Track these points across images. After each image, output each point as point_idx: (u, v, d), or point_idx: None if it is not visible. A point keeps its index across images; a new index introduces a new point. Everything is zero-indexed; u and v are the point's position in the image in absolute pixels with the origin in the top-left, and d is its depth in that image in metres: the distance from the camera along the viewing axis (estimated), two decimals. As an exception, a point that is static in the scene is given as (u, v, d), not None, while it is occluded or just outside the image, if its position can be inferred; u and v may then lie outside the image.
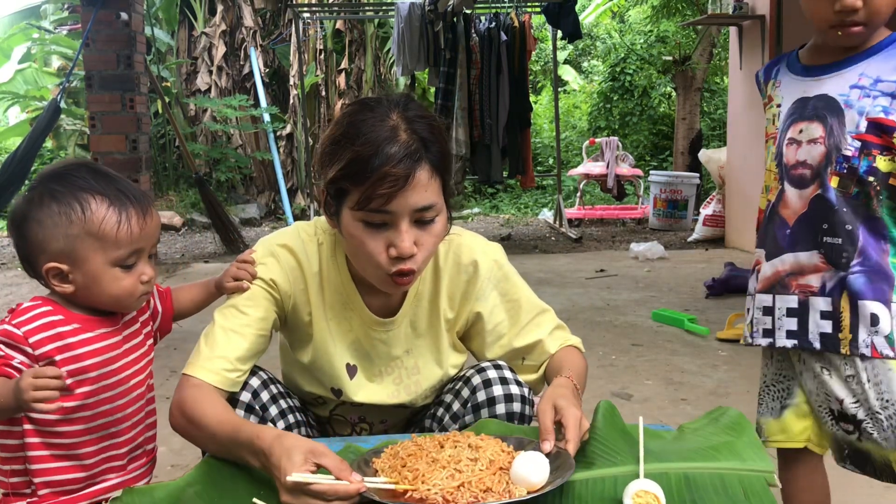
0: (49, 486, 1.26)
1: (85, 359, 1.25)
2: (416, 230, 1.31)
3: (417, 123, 1.31)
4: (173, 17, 9.02)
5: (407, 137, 1.28)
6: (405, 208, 1.28)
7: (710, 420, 1.37)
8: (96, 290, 1.25)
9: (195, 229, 7.84)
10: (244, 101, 8.62)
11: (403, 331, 1.50)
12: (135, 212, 1.25)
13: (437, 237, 1.35)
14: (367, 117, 1.31)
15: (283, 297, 1.46)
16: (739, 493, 1.15)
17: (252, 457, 1.20)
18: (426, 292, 1.51)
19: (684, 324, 3.89)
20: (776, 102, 1.56)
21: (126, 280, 1.26)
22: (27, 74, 8.79)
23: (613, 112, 10.84)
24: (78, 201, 1.23)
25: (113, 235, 1.23)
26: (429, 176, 1.29)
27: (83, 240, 1.23)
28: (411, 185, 1.27)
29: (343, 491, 1.10)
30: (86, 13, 5.52)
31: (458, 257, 1.51)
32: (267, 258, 1.46)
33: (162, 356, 3.57)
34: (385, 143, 1.27)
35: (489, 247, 1.55)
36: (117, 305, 1.29)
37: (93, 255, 1.23)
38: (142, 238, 1.26)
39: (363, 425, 1.60)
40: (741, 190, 6.14)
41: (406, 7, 6.46)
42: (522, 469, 1.13)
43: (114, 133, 5.61)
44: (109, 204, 1.23)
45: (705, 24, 7.59)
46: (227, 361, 1.37)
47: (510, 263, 1.57)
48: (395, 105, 1.33)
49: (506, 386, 1.45)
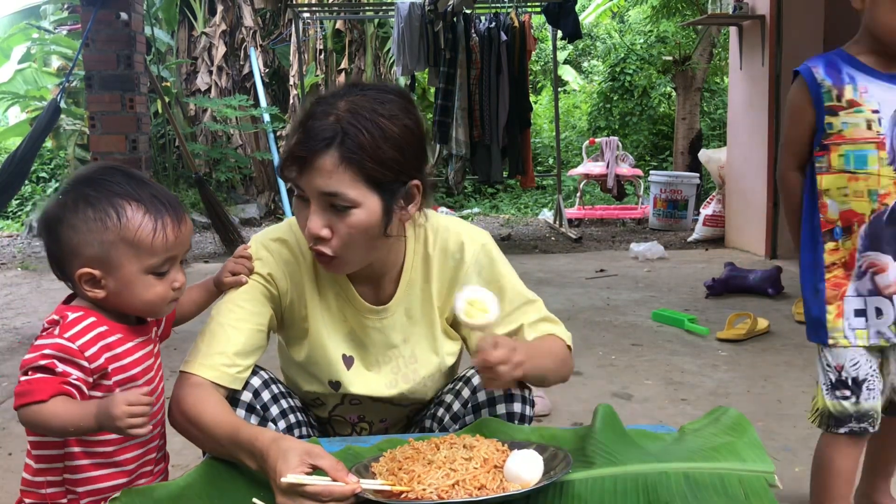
0: (92, 495, 1.25)
1: (132, 368, 1.25)
2: (330, 215, 1.33)
3: (356, 115, 1.31)
4: (173, 17, 9.02)
5: (330, 123, 1.30)
6: (311, 190, 1.32)
7: (710, 420, 1.37)
8: (128, 296, 1.24)
9: (195, 229, 7.82)
10: (244, 101, 8.62)
11: (399, 319, 1.51)
12: (170, 219, 1.24)
13: (352, 229, 1.33)
14: (327, 96, 1.36)
15: (280, 292, 1.46)
16: (739, 494, 1.15)
17: (249, 458, 1.20)
18: (417, 280, 1.51)
19: (684, 324, 3.89)
20: (869, 108, 1.61)
21: (159, 287, 1.25)
22: (27, 74, 8.78)
23: (613, 112, 10.84)
24: (114, 207, 1.21)
25: (149, 243, 1.22)
26: (336, 164, 1.29)
27: (118, 246, 1.21)
28: (312, 169, 1.30)
29: (338, 492, 1.10)
30: (86, 13, 5.51)
31: (445, 243, 1.51)
32: (262, 253, 1.47)
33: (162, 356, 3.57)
34: (308, 122, 1.32)
35: (477, 233, 1.55)
36: (148, 311, 1.28)
37: (127, 261, 1.22)
38: (176, 245, 1.25)
39: (363, 425, 1.59)
40: (741, 190, 6.14)
41: (406, 7, 6.46)
42: (516, 467, 1.13)
43: (113, 133, 5.61)
44: (146, 211, 1.22)
45: (705, 24, 7.59)
46: (226, 357, 1.38)
47: (500, 252, 1.56)
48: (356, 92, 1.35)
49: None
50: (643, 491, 1.16)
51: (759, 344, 3.61)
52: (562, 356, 1.51)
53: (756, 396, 2.95)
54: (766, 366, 3.31)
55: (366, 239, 1.35)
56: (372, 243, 1.37)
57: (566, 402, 2.92)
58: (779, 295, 4.48)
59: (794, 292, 4.52)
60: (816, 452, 1.82)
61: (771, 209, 5.68)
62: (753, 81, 5.88)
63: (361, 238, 1.35)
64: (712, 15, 6.15)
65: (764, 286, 4.51)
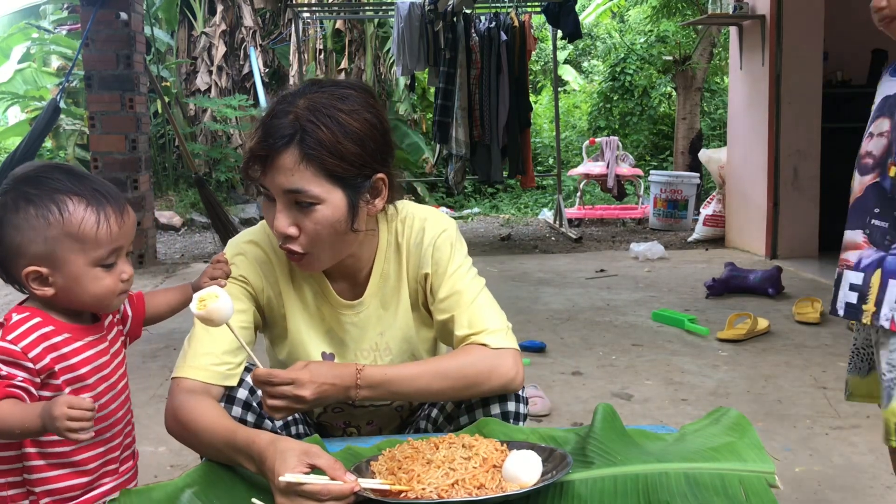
0: (50, 495, 1.26)
1: (81, 367, 1.25)
2: (296, 213, 1.34)
3: (315, 111, 1.31)
4: (173, 17, 9.02)
5: (289, 121, 1.31)
6: (275, 188, 1.33)
7: (711, 421, 1.37)
8: (78, 291, 1.24)
9: (195, 229, 7.84)
10: (244, 100, 8.62)
11: (374, 312, 1.51)
12: (112, 210, 1.24)
13: (318, 225, 1.33)
14: (287, 95, 1.36)
15: (256, 292, 1.47)
16: (740, 494, 1.15)
17: (248, 461, 1.20)
18: (391, 272, 1.52)
19: (684, 324, 3.88)
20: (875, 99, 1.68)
21: (107, 279, 1.25)
22: (26, 74, 8.79)
23: (613, 112, 10.84)
24: (55, 203, 1.21)
25: (93, 235, 1.22)
26: (296, 161, 1.30)
27: (62, 241, 1.21)
28: (274, 166, 1.31)
29: (337, 491, 1.10)
30: (85, 13, 5.52)
31: (411, 231, 1.51)
32: (236, 257, 1.47)
33: (161, 356, 3.58)
34: (268, 122, 1.32)
35: (441, 219, 1.54)
36: (99, 306, 1.28)
37: (73, 256, 1.22)
38: (121, 236, 1.25)
39: (351, 430, 1.60)
40: (741, 190, 6.14)
41: (406, 7, 6.46)
42: (514, 467, 1.14)
43: (113, 133, 5.61)
44: (87, 204, 1.22)
45: (705, 24, 7.59)
46: (213, 356, 1.38)
47: (461, 242, 1.54)
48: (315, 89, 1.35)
49: None
50: (643, 491, 1.16)
51: (759, 344, 3.61)
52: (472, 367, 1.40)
53: (756, 396, 2.95)
54: (766, 366, 3.30)
55: (333, 234, 1.36)
56: (340, 238, 1.38)
57: (566, 402, 2.92)
58: (779, 295, 4.48)
59: (794, 292, 4.52)
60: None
61: (771, 209, 5.68)
62: (753, 81, 5.88)
63: (328, 234, 1.35)
64: (712, 15, 6.15)
65: (764, 286, 4.51)
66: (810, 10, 5.53)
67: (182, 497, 1.16)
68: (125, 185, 5.60)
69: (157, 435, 2.35)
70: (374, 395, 1.36)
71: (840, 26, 5.71)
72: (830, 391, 2.97)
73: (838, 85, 5.86)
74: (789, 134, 5.58)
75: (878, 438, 2.53)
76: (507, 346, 1.43)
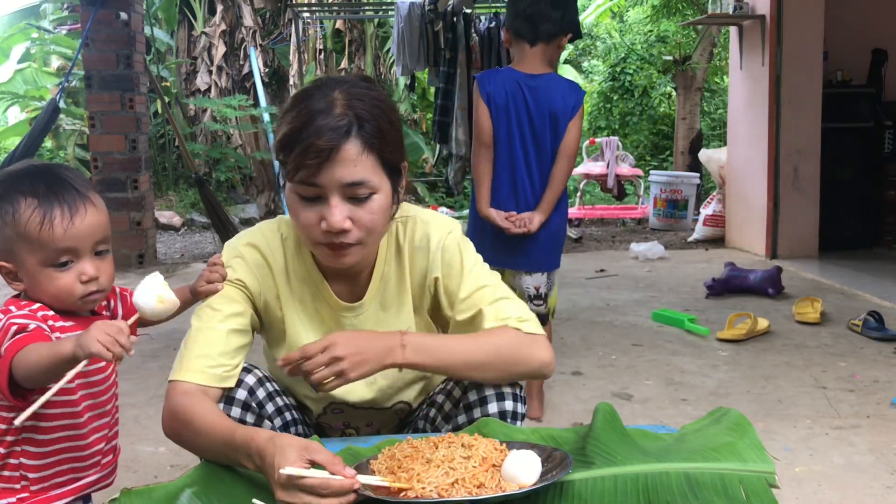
0: (42, 481, 1.29)
1: None
2: (350, 206, 1.32)
3: (357, 100, 1.32)
4: (173, 17, 9.01)
5: (340, 112, 1.30)
6: (332, 182, 1.30)
7: (711, 420, 1.37)
8: (38, 289, 1.27)
9: (195, 229, 7.84)
10: (244, 100, 8.61)
11: (373, 314, 1.50)
12: (59, 212, 1.24)
13: (375, 215, 1.34)
14: (312, 94, 1.34)
15: (253, 296, 1.46)
16: (740, 494, 1.15)
17: (247, 459, 1.20)
18: (392, 273, 1.51)
19: (684, 324, 3.88)
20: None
21: (62, 280, 1.26)
22: (26, 74, 8.79)
23: (613, 112, 10.84)
24: (11, 203, 1.25)
25: (36, 236, 1.24)
26: (359, 151, 1.30)
27: (16, 241, 1.25)
28: (336, 159, 1.28)
29: (337, 485, 1.10)
30: (85, 13, 5.51)
31: (413, 234, 1.51)
32: (233, 260, 1.46)
33: (162, 356, 3.58)
34: (317, 116, 1.29)
35: (444, 221, 1.53)
36: (62, 305, 1.29)
37: (27, 255, 1.25)
38: (67, 238, 1.25)
39: (350, 431, 1.60)
40: (741, 190, 6.13)
41: (406, 7, 6.46)
42: (513, 467, 1.14)
43: (113, 133, 5.61)
44: (36, 205, 1.24)
45: (705, 24, 7.59)
46: (210, 358, 1.37)
47: (467, 241, 1.54)
48: (343, 83, 1.35)
49: (497, 385, 1.45)
50: (643, 491, 1.16)
51: (759, 344, 3.61)
52: (508, 346, 1.41)
53: (756, 396, 2.94)
54: (766, 366, 3.30)
55: (383, 224, 1.38)
56: (385, 228, 1.40)
57: (566, 402, 2.92)
58: (779, 295, 4.48)
59: (794, 292, 4.52)
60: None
61: (771, 209, 5.68)
62: (753, 81, 5.88)
63: (382, 223, 1.37)
64: (712, 15, 6.14)
65: (764, 286, 4.51)
66: (810, 10, 5.53)
67: (182, 497, 1.16)
68: (125, 185, 5.60)
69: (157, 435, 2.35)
70: (419, 361, 1.35)
71: (840, 26, 5.71)
72: (830, 391, 2.97)
73: (838, 85, 5.86)
74: (789, 134, 5.58)
75: (878, 438, 2.53)
76: (539, 333, 1.44)
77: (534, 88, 2.69)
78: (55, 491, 1.31)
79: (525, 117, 2.70)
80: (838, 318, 3.97)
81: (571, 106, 2.67)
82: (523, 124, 2.71)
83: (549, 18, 2.69)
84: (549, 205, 2.69)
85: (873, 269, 5.15)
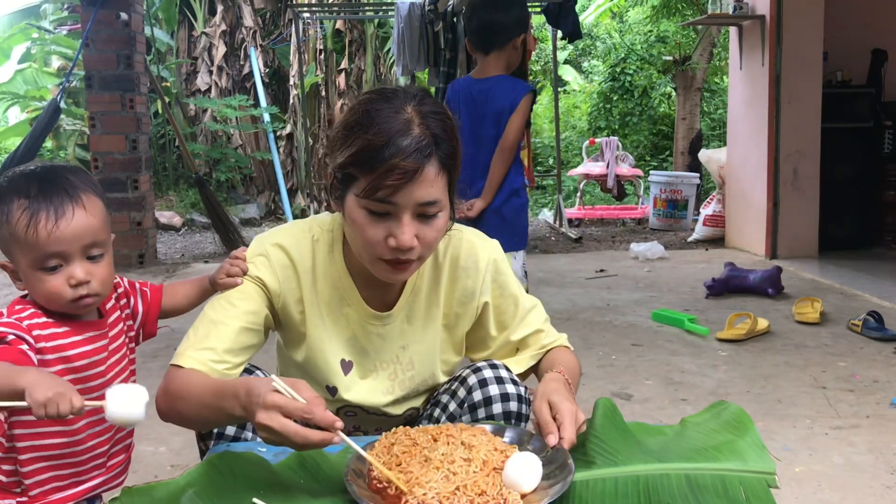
0: (40, 486, 1.28)
1: (76, 360, 1.27)
2: (417, 224, 1.32)
3: (431, 119, 1.31)
4: (173, 17, 9.01)
5: (419, 132, 1.29)
6: (409, 201, 1.29)
7: (711, 415, 1.37)
8: (31, 290, 1.28)
9: (195, 229, 7.84)
10: (244, 101, 8.61)
11: (399, 325, 1.50)
12: (45, 215, 1.23)
13: (439, 233, 1.36)
14: (382, 107, 1.31)
15: (272, 296, 1.46)
16: (740, 496, 1.15)
17: (234, 400, 1.19)
18: (424, 287, 1.51)
19: (684, 324, 3.88)
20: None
21: (50, 283, 1.25)
22: (27, 74, 8.78)
23: (613, 112, 10.84)
24: (6, 203, 1.25)
25: (23, 239, 1.23)
26: (436, 172, 1.30)
27: (10, 242, 1.25)
28: (418, 180, 1.28)
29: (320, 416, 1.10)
30: (86, 13, 5.52)
31: (457, 253, 1.51)
32: (257, 257, 1.46)
33: (162, 356, 3.58)
34: (398, 136, 1.27)
35: (488, 243, 1.56)
36: (55, 307, 1.28)
37: (19, 256, 1.26)
38: (52, 242, 1.23)
39: (358, 434, 1.59)
40: (741, 190, 6.14)
41: (406, 7, 6.46)
42: (514, 472, 1.13)
43: (114, 133, 5.61)
44: (26, 207, 1.23)
45: (705, 24, 7.59)
46: (215, 353, 1.37)
47: (506, 262, 1.59)
48: (411, 98, 1.33)
49: (502, 385, 1.45)
50: (644, 492, 1.16)
51: (759, 344, 3.61)
52: (577, 365, 1.57)
53: (756, 396, 2.95)
54: (766, 366, 3.31)
55: (438, 241, 1.39)
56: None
57: (566, 402, 2.92)
58: (779, 295, 4.48)
59: (794, 292, 4.52)
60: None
61: (771, 209, 5.68)
62: (753, 81, 5.88)
63: (439, 240, 1.39)
64: (712, 15, 6.15)
65: (764, 286, 4.51)
66: (810, 10, 5.53)
67: (183, 496, 1.16)
68: (125, 185, 5.61)
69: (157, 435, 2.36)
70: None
71: (840, 26, 5.72)
72: (830, 391, 2.97)
73: (838, 85, 5.87)
74: (789, 134, 5.59)
75: (878, 438, 2.53)
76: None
77: (480, 91, 3.05)
78: (57, 495, 1.30)
79: (478, 117, 3.04)
80: (838, 318, 3.97)
81: (509, 103, 2.98)
82: (477, 124, 3.05)
83: (497, 28, 3.02)
84: (487, 192, 3.02)
85: (873, 269, 5.16)
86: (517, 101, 2.99)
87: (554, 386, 1.35)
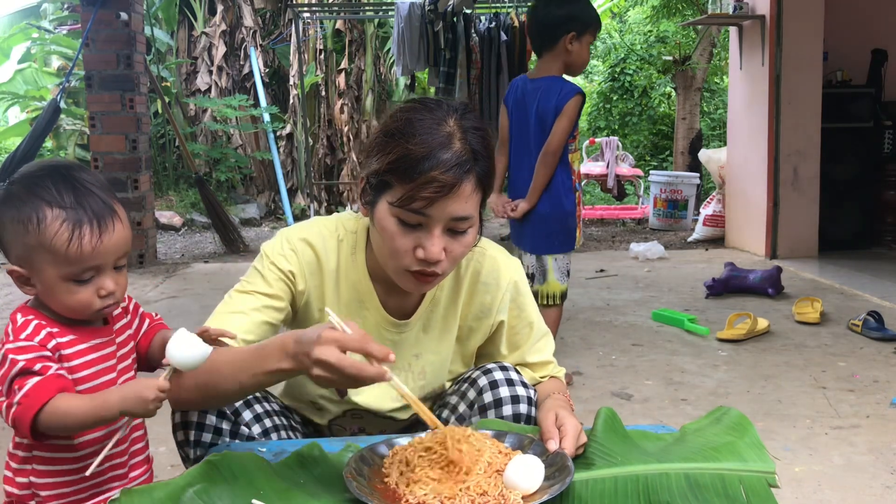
0: (56, 499, 1.26)
1: (81, 370, 1.25)
2: (446, 238, 1.32)
3: (472, 134, 1.31)
4: (173, 17, 9.01)
5: (460, 146, 1.28)
6: (443, 215, 1.29)
7: (711, 420, 1.37)
8: (52, 299, 1.24)
9: (195, 229, 7.84)
10: (244, 101, 8.61)
11: (415, 334, 1.51)
12: (89, 229, 1.20)
13: (467, 248, 1.36)
14: (425, 117, 1.31)
15: (296, 291, 1.45)
16: (740, 495, 1.15)
17: (281, 354, 1.18)
18: (443, 299, 1.51)
19: (684, 324, 3.88)
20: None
21: (81, 294, 1.23)
22: (27, 74, 8.78)
23: (613, 112, 10.84)
24: (35, 212, 1.19)
25: (63, 252, 1.19)
26: (472, 188, 1.30)
27: (38, 251, 1.20)
28: (454, 194, 1.27)
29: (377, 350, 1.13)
30: (86, 13, 5.52)
31: (479, 268, 1.52)
32: (286, 250, 1.45)
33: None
34: (439, 148, 1.27)
35: (511, 262, 1.56)
36: (75, 315, 1.26)
37: (47, 266, 1.21)
38: (95, 256, 1.21)
39: (361, 436, 1.59)
40: (741, 190, 6.14)
41: (406, 7, 6.46)
42: (515, 474, 1.13)
43: (113, 133, 5.61)
44: (64, 219, 1.19)
45: (705, 24, 7.59)
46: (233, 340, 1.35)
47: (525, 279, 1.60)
48: (454, 111, 1.33)
49: (512, 388, 1.45)
50: (643, 492, 1.16)
51: (759, 344, 3.61)
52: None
53: (756, 396, 2.95)
54: (766, 366, 3.31)
55: (465, 256, 1.39)
56: None
57: (566, 402, 2.92)
58: (779, 295, 4.48)
59: (794, 292, 4.52)
60: None
61: (771, 209, 5.68)
62: (753, 81, 5.88)
63: (465, 255, 1.38)
64: (712, 15, 6.15)
65: (764, 286, 4.51)
66: (810, 10, 5.53)
67: (183, 496, 1.16)
68: (125, 185, 5.61)
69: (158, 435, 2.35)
70: None
71: (840, 26, 5.72)
72: (830, 391, 2.97)
73: (838, 85, 5.87)
74: (789, 134, 5.59)
75: (878, 438, 2.53)
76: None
77: (531, 91, 3.02)
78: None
79: (524, 118, 3.03)
80: (838, 318, 3.97)
81: (554, 106, 2.93)
82: (524, 124, 3.04)
83: (541, 26, 2.98)
84: (531, 195, 3.00)
85: (873, 269, 5.16)
86: (562, 104, 2.91)
87: (560, 403, 1.37)
